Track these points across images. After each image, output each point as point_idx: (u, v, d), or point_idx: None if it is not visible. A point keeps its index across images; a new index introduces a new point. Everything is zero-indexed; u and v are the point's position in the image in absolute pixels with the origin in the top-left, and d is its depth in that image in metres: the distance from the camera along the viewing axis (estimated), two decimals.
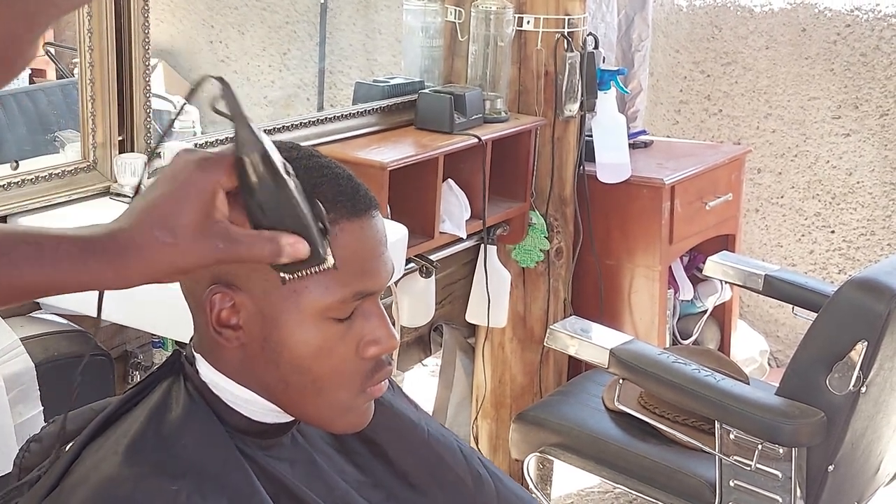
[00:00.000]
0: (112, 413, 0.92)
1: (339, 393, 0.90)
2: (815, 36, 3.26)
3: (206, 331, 0.89)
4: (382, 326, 0.90)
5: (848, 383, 1.68)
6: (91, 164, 1.76)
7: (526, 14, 2.46)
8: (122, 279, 0.77)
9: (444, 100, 2.29)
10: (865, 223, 3.29)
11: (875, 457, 1.90)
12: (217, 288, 0.87)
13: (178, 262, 0.77)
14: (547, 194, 2.54)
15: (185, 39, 3.00)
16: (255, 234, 0.79)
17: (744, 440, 1.76)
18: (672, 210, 2.56)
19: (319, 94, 2.91)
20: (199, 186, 0.77)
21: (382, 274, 0.90)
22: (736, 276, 2.33)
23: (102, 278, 0.77)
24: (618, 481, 1.97)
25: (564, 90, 2.46)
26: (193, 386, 0.92)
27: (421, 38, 2.49)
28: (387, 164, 2.05)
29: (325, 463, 0.97)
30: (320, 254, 0.81)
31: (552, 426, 2.06)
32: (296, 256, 0.79)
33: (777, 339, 3.46)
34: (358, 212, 0.88)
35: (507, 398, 2.69)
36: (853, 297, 1.71)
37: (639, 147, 2.78)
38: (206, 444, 0.88)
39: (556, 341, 1.97)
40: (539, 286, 2.61)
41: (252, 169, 0.78)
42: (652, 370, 1.83)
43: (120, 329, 1.80)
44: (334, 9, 2.93)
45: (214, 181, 0.77)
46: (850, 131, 3.26)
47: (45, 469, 0.91)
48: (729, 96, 3.44)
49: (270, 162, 0.78)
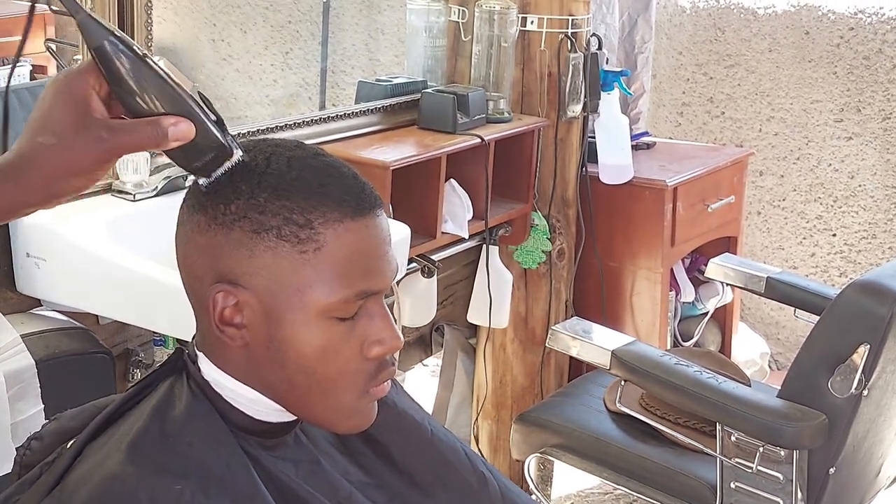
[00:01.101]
0: (114, 411, 0.91)
1: (344, 393, 0.90)
2: (819, 39, 3.26)
3: (209, 329, 0.89)
4: (387, 327, 0.90)
5: (850, 386, 1.68)
6: None
7: (530, 14, 2.46)
8: (34, 193, 0.81)
9: (447, 100, 2.28)
10: (867, 226, 3.28)
11: (876, 460, 1.90)
12: (220, 286, 0.87)
13: (68, 161, 0.80)
14: (549, 195, 2.54)
15: (188, 37, 3.00)
16: (136, 121, 0.81)
17: (745, 442, 1.76)
18: (674, 212, 2.56)
19: (321, 93, 2.90)
20: (70, 91, 0.80)
21: (387, 273, 0.90)
22: (737, 279, 2.32)
23: (20, 197, 0.81)
24: (618, 482, 1.97)
25: (568, 91, 2.46)
26: (196, 384, 0.91)
27: (424, 37, 2.49)
28: (389, 163, 2.05)
29: (329, 463, 0.97)
30: (219, 141, 0.83)
31: (553, 427, 2.06)
32: (182, 136, 0.81)
33: (778, 342, 3.46)
34: (363, 211, 0.88)
35: (508, 399, 2.69)
36: (856, 300, 1.71)
37: (641, 149, 2.78)
38: (209, 443, 0.87)
39: (558, 342, 1.97)
40: (541, 287, 2.61)
41: (112, 55, 0.80)
42: (654, 372, 1.83)
43: (121, 327, 1.80)
44: (337, 8, 2.93)
45: (83, 83, 0.80)
46: (852, 134, 3.26)
47: (46, 466, 0.91)
48: (732, 99, 3.44)
49: (126, 43, 0.80)
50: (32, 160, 0.80)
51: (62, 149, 0.79)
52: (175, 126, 0.81)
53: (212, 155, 0.83)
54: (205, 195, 0.87)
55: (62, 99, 0.80)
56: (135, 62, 0.80)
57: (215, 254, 0.87)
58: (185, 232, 0.89)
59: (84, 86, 0.81)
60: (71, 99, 0.80)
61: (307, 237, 0.85)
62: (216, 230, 0.86)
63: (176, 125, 0.80)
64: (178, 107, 0.81)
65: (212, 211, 0.86)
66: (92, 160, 0.80)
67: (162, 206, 1.73)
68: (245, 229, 0.85)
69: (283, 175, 0.86)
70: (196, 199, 0.88)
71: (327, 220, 0.86)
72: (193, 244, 0.88)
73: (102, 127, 0.80)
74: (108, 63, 0.80)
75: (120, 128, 0.80)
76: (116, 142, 0.80)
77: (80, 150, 0.79)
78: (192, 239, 0.88)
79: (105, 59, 0.80)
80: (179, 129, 0.81)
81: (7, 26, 2.56)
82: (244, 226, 0.85)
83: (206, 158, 0.83)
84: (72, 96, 0.80)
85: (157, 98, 0.80)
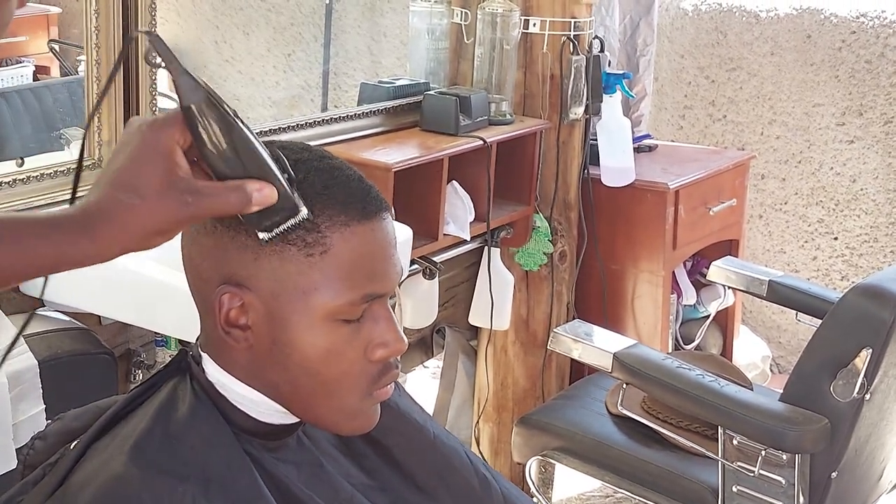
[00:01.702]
0: (118, 411, 0.91)
1: (347, 395, 0.90)
2: (821, 42, 3.26)
3: (214, 331, 0.89)
4: (391, 329, 0.90)
5: (852, 390, 1.68)
6: (96, 162, 1.76)
7: (532, 17, 2.46)
8: (99, 249, 0.77)
9: (449, 102, 2.28)
10: (869, 230, 3.28)
11: (878, 464, 1.90)
12: (226, 288, 0.87)
13: (149, 223, 0.77)
14: (551, 197, 2.54)
15: (191, 39, 3.00)
16: (221, 185, 0.79)
17: (747, 446, 1.76)
18: (676, 215, 2.56)
19: (324, 95, 2.90)
20: (154, 146, 0.77)
21: (392, 276, 0.90)
22: (739, 282, 2.32)
23: (79, 252, 0.77)
24: (620, 486, 1.97)
25: (570, 93, 2.46)
26: (200, 385, 0.91)
27: (427, 40, 2.49)
28: (392, 165, 2.05)
29: (331, 466, 0.97)
30: (293, 203, 0.81)
31: (554, 430, 2.06)
32: (265, 202, 0.79)
33: (779, 345, 3.46)
34: (369, 214, 0.88)
35: (510, 401, 2.68)
36: (858, 304, 1.71)
37: (643, 151, 2.78)
38: (212, 444, 0.87)
39: (560, 345, 1.97)
40: (542, 289, 2.61)
41: (201, 116, 0.78)
42: (655, 375, 1.82)
43: (123, 327, 1.80)
44: (340, 10, 2.93)
45: (169, 137, 0.77)
46: (854, 138, 3.26)
47: (49, 467, 0.91)
48: (733, 102, 3.44)
49: (217, 105, 0.78)
50: (112, 216, 0.76)
51: (146, 211, 0.76)
52: (259, 192, 0.78)
53: (282, 215, 0.82)
54: None
55: (147, 154, 0.77)
56: (224, 125, 0.78)
57: (221, 256, 0.87)
58: (192, 233, 0.89)
59: (170, 140, 0.77)
60: (156, 155, 0.77)
61: (314, 241, 0.85)
62: (222, 232, 0.86)
63: (261, 191, 0.78)
64: (262, 171, 0.79)
65: None
66: (175, 223, 0.78)
67: None
68: (251, 232, 0.85)
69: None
70: None
71: (334, 224, 0.86)
72: (199, 246, 0.88)
73: (187, 190, 0.77)
74: (197, 124, 0.78)
75: (205, 192, 0.78)
76: (201, 207, 0.77)
77: (164, 213, 0.77)
78: (198, 241, 0.88)
79: (195, 120, 0.78)
80: (263, 195, 0.79)
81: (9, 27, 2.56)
82: (250, 229, 0.85)
83: (276, 218, 0.82)
84: (157, 151, 0.77)
85: (243, 161, 0.79)
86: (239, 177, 0.79)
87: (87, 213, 0.77)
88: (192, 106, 0.78)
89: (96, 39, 1.71)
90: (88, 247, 0.76)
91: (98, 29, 1.71)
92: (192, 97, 0.78)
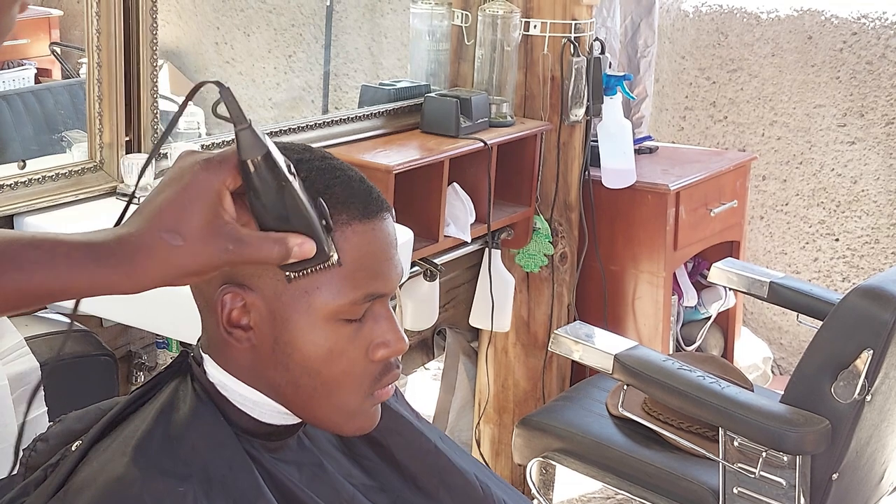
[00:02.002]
0: (119, 413, 0.92)
1: (348, 395, 0.90)
2: (822, 44, 3.26)
3: (216, 331, 0.89)
4: (392, 329, 0.90)
5: (853, 392, 1.68)
6: (98, 165, 1.76)
7: (533, 19, 2.46)
8: (133, 283, 0.77)
9: (449, 103, 2.29)
10: (870, 231, 3.28)
11: (879, 465, 1.90)
12: (228, 288, 0.87)
13: (188, 265, 0.77)
14: (552, 199, 2.54)
15: (191, 41, 3.00)
16: (264, 236, 0.79)
17: (748, 447, 1.76)
18: (677, 216, 2.56)
19: (324, 96, 2.91)
20: (205, 188, 0.77)
21: (393, 276, 0.90)
22: (740, 283, 2.32)
23: (113, 283, 0.77)
24: (621, 487, 1.97)
25: (570, 95, 2.47)
26: (201, 386, 0.91)
27: (427, 41, 2.49)
28: (392, 167, 2.05)
29: (332, 466, 0.97)
30: (325, 251, 0.81)
31: (555, 431, 2.06)
32: (303, 256, 0.79)
33: (780, 347, 3.46)
34: (369, 214, 0.88)
35: (510, 403, 2.69)
36: (859, 305, 1.71)
37: (644, 153, 2.78)
38: (213, 445, 0.88)
39: (560, 346, 1.97)
40: (543, 291, 2.61)
41: (256, 171, 0.78)
42: (656, 376, 1.82)
43: (124, 329, 1.80)
44: (340, 12, 2.93)
45: (220, 182, 0.77)
46: (855, 139, 3.26)
47: (51, 468, 0.91)
48: (734, 103, 3.44)
49: (274, 164, 0.78)
50: (149, 252, 0.76)
51: (187, 253, 0.76)
52: (300, 247, 0.79)
53: (313, 262, 0.82)
54: None
55: (195, 195, 0.77)
56: (275, 183, 0.78)
57: None
58: None
59: (220, 184, 0.77)
60: (204, 197, 0.77)
61: None
62: None
63: (301, 246, 0.79)
64: (306, 226, 0.80)
65: None
66: (213, 268, 0.78)
67: None
68: None
69: None
70: None
71: (335, 223, 0.86)
72: None
73: (230, 237, 0.77)
74: (248, 176, 0.78)
75: (247, 241, 0.78)
76: (241, 255, 0.78)
77: (204, 258, 0.77)
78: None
79: (247, 172, 0.78)
80: (303, 250, 0.79)
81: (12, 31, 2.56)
82: None
83: (309, 266, 0.83)
84: (205, 194, 0.77)
85: (290, 217, 0.79)
86: (281, 228, 0.79)
87: (126, 245, 0.76)
88: (250, 161, 0.78)
89: (97, 42, 1.72)
90: (124, 281, 0.76)
91: (99, 31, 1.72)
92: (250, 153, 0.78)
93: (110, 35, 1.73)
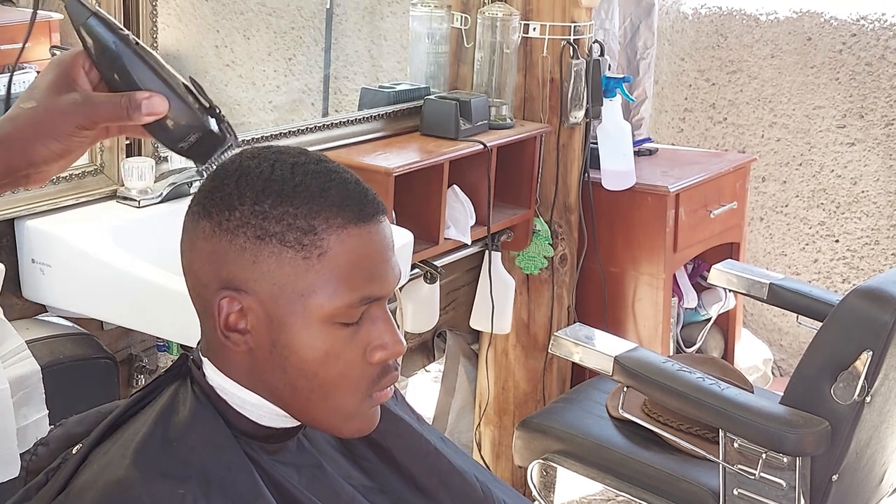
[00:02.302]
0: (120, 416, 0.92)
1: (346, 398, 0.90)
2: (821, 45, 3.26)
3: (214, 335, 0.89)
4: (389, 331, 0.90)
5: (853, 393, 1.68)
6: (98, 168, 1.76)
7: (532, 21, 2.46)
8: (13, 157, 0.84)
9: (449, 106, 2.29)
10: (870, 233, 3.28)
11: (879, 467, 1.90)
12: (226, 292, 0.87)
13: (44, 124, 0.84)
14: (551, 201, 2.54)
15: (191, 44, 3.00)
16: (113, 94, 0.86)
17: (748, 449, 1.76)
18: (676, 218, 2.56)
19: (324, 99, 2.91)
20: (61, 65, 0.86)
21: (390, 279, 0.90)
22: (740, 285, 2.33)
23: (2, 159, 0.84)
24: (621, 489, 1.97)
25: (570, 97, 2.47)
26: (200, 389, 0.92)
27: (427, 44, 2.49)
28: (392, 169, 2.05)
29: (332, 468, 0.97)
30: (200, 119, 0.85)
31: (556, 433, 2.06)
32: (154, 109, 0.84)
33: (780, 348, 3.46)
34: (366, 217, 0.88)
35: (511, 405, 2.69)
36: (858, 307, 1.71)
37: (643, 155, 2.79)
38: (212, 447, 0.88)
39: (560, 348, 1.97)
40: (543, 293, 2.62)
41: (91, 35, 0.84)
42: (656, 378, 1.83)
43: (125, 332, 1.80)
44: (340, 15, 2.93)
45: (74, 60, 0.86)
46: (854, 140, 3.26)
47: (52, 472, 0.91)
48: (734, 104, 3.44)
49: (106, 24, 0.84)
50: (14, 123, 0.84)
51: (41, 110, 0.84)
52: (148, 100, 0.84)
53: (195, 136, 0.86)
54: (210, 202, 0.88)
55: (52, 71, 0.86)
56: (116, 42, 0.85)
57: (220, 260, 0.87)
58: (190, 239, 0.89)
59: (74, 63, 0.86)
60: (60, 71, 0.85)
61: (311, 243, 0.86)
62: (221, 236, 0.87)
63: (149, 99, 0.84)
64: (156, 85, 0.85)
65: (216, 217, 0.87)
66: (66, 124, 0.84)
67: (166, 213, 1.73)
68: (249, 236, 0.86)
69: (286, 181, 0.87)
70: (201, 205, 0.89)
71: (331, 226, 0.86)
72: (198, 251, 0.89)
73: (81, 98, 0.84)
74: (89, 40, 0.85)
75: (97, 99, 0.85)
76: (90, 108, 0.84)
77: (56, 113, 0.84)
78: (197, 245, 0.89)
79: (87, 37, 0.85)
80: (152, 103, 0.84)
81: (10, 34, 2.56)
82: (248, 232, 0.86)
83: (191, 140, 0.86)
84: (62, 69, 0.85)
85: (136, 76, 0.85)
86: None
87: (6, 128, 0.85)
88: (86, 23, 0.85)
89: None
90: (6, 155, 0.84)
91: None
92: (82, 16, 0.85)
93: None
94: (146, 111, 0.84)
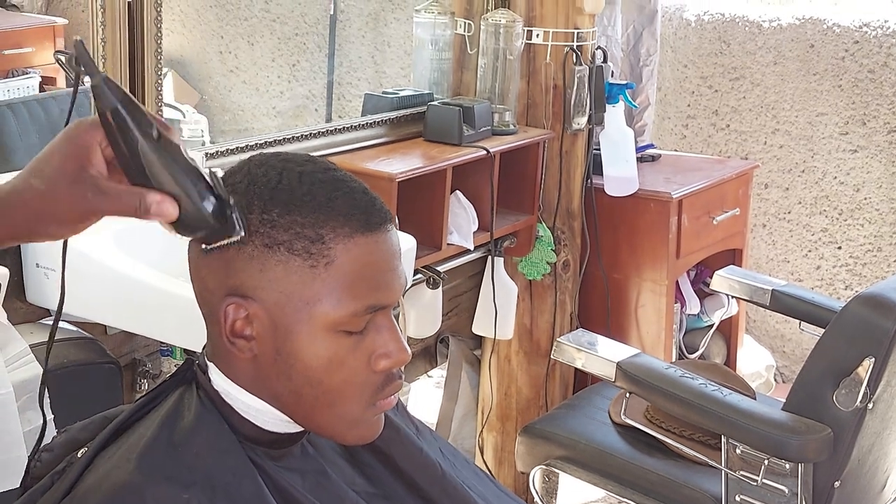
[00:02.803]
0: (125, 421, 0.92)
1: (350, 405, 0.90)
2: (824, 52, 3.27)
3: (220, 341, 0.90)
4: (394, 340, 0.90)
5: (855, 399, 1.68)
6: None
7: (535, 27, 2.47)
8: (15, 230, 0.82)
9: (452, 112, 2.29)
10: (872, 239, 3.28)
11: (881, 473, 1.90)
12: (232, 299, 0.88)
13: (51, 211, 0.81)
14: (554, 207, 2.55)
15: (196, 49, 3.01)
16: (125, 189, 0.82)
17: (750, 455, 1.76)
18: (679, 224, 2.56)
19: (328, 105, 2.92)
20: (75, 140, 0.81)
21: (396, 287, 0.90)
22: (743, 291, 2.33)
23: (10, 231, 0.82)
24: (623, 495, 1.97)
25: (573, 103, 2.47)
26: (206, 394, 0.92)
27: (430, 50, 2.50)
28: (395, 175, 2.05)
29: (336, 474, 0.98)
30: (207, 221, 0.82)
31: (558, 439, 2.06)
32: (162, 214, 0.81)
33: (783, 355, 3.46)
34: (372, 226, 0.88)
35: (513, 411, 2.69)
36: (861, 313, 1.71)
37: (646, 161, 2.79)
38: (217, 452, 0.88)
39: (563, 354, 1.97)
40: (546, 299, 2.62)
41: (114, 125, 0.80)
42: (659, 384, 1.83)
43: (128, 337, 1.80)
44: (344, 21, 2.94)
45: (90, 136, 0.81)
46: (857, 147, 3.26)
47: (57, 475, 0.92)
48: (737, 111, 3.45)
49: (124, 120, 0.80)
50: (20, 198, 0.81)
51: (49, 197, 0.80)
52: (158, 204, 0.81)
53: (203, 233, 0.84)
54: None
55: (66, 146, 0.81)
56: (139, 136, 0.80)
57: (227, 267, 0.88)
58: (198, 245, 0.90)
59: (90, 139, 0.81)
60: (74, 148, 0.81)
61: (318, 252, 0.86)
62: (229, 244, 0.87)
63: (160, 203, 0.81)
64: (171, 185, 0.81)
65: None
66: (72, 215, 0.82)
67: None
68: (257, 244, 0.86)
69: (294, 190, 0.87)
70: None
71: (338, 235, 0.86)
72: (206, 257, 0.89)
73: (91, 187, 0.80)
74: (111, 129, 0.81)
75: (106, 192, 0.81)
76: (99, 205, 0.81)
77: (63, 203, 0.81)
78: (204, 252, 0.89)
79: (108, 126, 0.81)
80: (162, 209, 0.81)
81: (16, 38, 2.57)
82: (256, 240, 0.86)
83: (199, 235, 0.85)
84: (76, 146, 0.81)
85: (151, 172, 0.81)
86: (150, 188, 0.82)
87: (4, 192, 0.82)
88: (108, 112, 0.80)
89: (102, 51, 1.73)
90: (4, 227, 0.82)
91: (104, 41, 1.73)
92: (108, 103, 0.80)
93: (115, 44, 1.74)
94: (155, 214, 0.81)
